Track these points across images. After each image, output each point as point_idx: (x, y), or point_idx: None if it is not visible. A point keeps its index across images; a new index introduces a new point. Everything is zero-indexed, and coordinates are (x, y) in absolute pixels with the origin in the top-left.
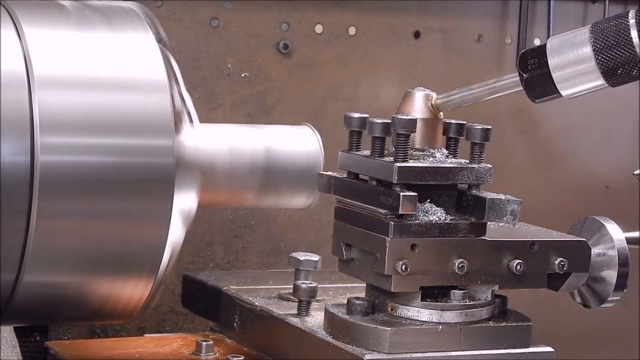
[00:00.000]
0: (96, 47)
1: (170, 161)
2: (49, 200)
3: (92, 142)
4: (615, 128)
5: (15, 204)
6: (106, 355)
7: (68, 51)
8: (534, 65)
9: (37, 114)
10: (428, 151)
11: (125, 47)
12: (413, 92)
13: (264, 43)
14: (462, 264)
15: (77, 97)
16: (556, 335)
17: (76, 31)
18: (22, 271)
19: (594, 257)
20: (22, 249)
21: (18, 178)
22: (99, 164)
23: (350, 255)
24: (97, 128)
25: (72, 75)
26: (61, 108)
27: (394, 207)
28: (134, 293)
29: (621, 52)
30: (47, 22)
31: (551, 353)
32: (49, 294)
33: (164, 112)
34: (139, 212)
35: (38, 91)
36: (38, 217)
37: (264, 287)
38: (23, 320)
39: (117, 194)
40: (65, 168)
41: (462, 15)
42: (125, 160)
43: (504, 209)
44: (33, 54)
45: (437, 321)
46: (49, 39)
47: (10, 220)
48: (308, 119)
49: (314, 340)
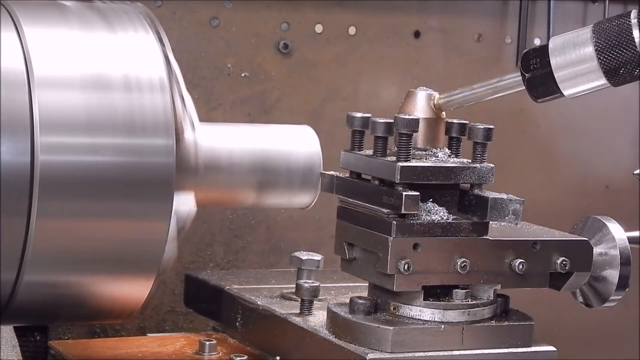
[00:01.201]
0: (96, 47)
1: (170, 161)
2: (49, 200)
3: (92, 142)
4: (615, 128)
5: (15, 204)
6: (109, 355)
7: (68, 51)
8: (536, 65)
9: (37, 114)
10: (430, 151)
11: (125, 47)
12: (415, 92)
13: (264, 43)
14: (465, 263)
15: (77, 97)
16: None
17: (76, 31)
18: (22, 271)
19: (595, 256)
20: (22, 249)
21: (18, 178)
22: (98, 164)
23: (353, 254)
24: (97, 128)
25: (72, 75)
26: (61, 108)
27: (396, 207)
28: (133, 293)
29: (623, 52)
30: (47, 22)
31: (553, 352)
32: (49, 294)
33: (164, 112)
34: (139, 212)
35: (38, 91)
36: (38, 217)
37: (267, 286)
38: (23, 320)
39: (117, 193)
40: (65, 168)
41: (462, 15)
42: (125, 160)
43: (506, 208)
44: (33, 54)
45: (439, 320)
46: (49, 39)
47: (10, 220)
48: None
49: (316, 339)
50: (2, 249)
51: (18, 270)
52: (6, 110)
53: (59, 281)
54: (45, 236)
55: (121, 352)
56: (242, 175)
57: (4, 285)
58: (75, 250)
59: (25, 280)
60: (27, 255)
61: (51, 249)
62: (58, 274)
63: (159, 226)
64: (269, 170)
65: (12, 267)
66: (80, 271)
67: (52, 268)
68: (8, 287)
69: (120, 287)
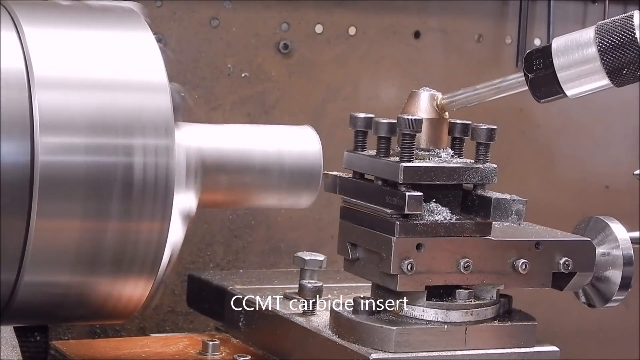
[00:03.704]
0: (96, 47)
1: (170, 161)
2: (49, 200)
3: (92, 142)
4: (615, 128)
5: (15, 204)
6: (112, 355)
7: (68, 51)
8: (539, 65)
9: (37, 114)
10: (433, 151)
11: (125, 46)
12: (418, 92)
13: (264, 43)
14: (468, 263)
15: (77, 97)
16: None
17: (76, 31)
18: (22, 271)
19: (598, 256)
20: (22, 249)
21: (18, 178)
22: (99, 164)
23: (356, 254)
24: (97, 128)
25: (72, 75)
26: (61, 108)
27: (399, 207)
28: (134, 293)
29: (626, 52)
30: (47, 22)
31: (556, 352)
32: (49, 294)
33: (164, 112)
34: (139, 212)
35: (38, 91)
36: (38, 217)
37: (269, 286)
38: (23, 320)
39: (117, 194)
40: (65, 168)
41: (462, 15)
42: (125, 160)
43: (509, 208)
44: (33, 54)
45: (442, 320)
46: (49, 39)
47: (10, 220)
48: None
49: (319, 339)
50: (2, 249)
51: (18, 270)
52: (6, 110)
53: (59, 281)
54: (45, 236)
55: (124, 352)
56: (243, 175)
57: (4, 285)
58: (75, 250)
59: (25, 280)
60: (27, 255)
61: (51, 249)
62: (58, 274)
63: (159, 226)
64: (270, 171)
65: (12, 267)
66: (80, 271)
67: (52, 268)
68: (8, 287)
69: (120, 287)
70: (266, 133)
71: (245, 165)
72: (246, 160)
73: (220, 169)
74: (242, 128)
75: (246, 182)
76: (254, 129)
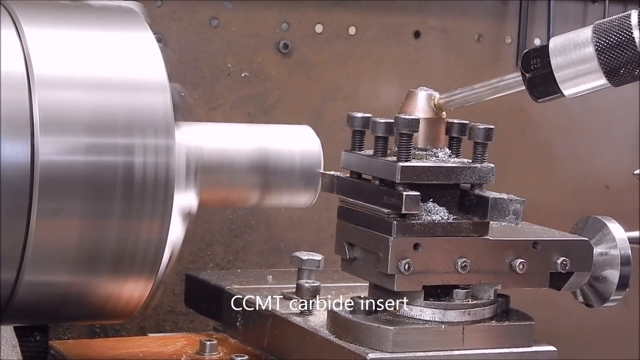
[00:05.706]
0: (96, 47)
1: (170, 161)
2: (49, 200)
3: (92, 141)
4: (615, 128)
5: (15, 204)
6: (110, 355)
7: (68, 51)
8: (536, 64)
9: (37, 114)
10: (431, 151)
11: (125, 46)
12: (416, 92)
13: (264, 43)
14: (465, 263)
15: (77, 97)
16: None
17: (76, 31)
18: (22, 271)
19: (596, 256)
20: (22, 249)
21: (18, 178)
22: (99, 164)
23: (353, 254)
24: (97, 128)
25: (72, 75)
26: (61, 108)
27: (397, 207)
28: (134, 293)
29: (624, 51)
30: (47, 22)
31: (554, 352)
32: (49, 293)
33: (164, 112)
34: (139, 211)
35: (38, 91)
36: (38, 217)
37: (267, 286)
38: (23, 320)
39: (117, 193)
40: (65, 168)
41: (462, 15)
42: (125, 160)
43: (507, 208)
44: (33, 54)
45: (440, 320)
46: (49, 39)
47: (10, 220)
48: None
49: (317, 339)
50: (2, 249)
51: (18, 270)
52: (6, 110)
53: (59, 281)
54: (45, 236)
55: (122, 352)
56: (243, 175)
57: (4, 285)
58: (75, 250)
59: (25, 280)
60: (27, 255)
61: (51, 248)
62: (58, 274)
63: (159, 226)
64: (269, 170)
65: (12, 267)
66: (80, 271)
67: (52, 268)
68: (8, 287)
69: (120, 287)
70: (266, 133)
71: (245, 164)
72: (246, 159)
73: (220, 168)
74: (242, 128)
75: (246, 182)
76: (254, 128)
